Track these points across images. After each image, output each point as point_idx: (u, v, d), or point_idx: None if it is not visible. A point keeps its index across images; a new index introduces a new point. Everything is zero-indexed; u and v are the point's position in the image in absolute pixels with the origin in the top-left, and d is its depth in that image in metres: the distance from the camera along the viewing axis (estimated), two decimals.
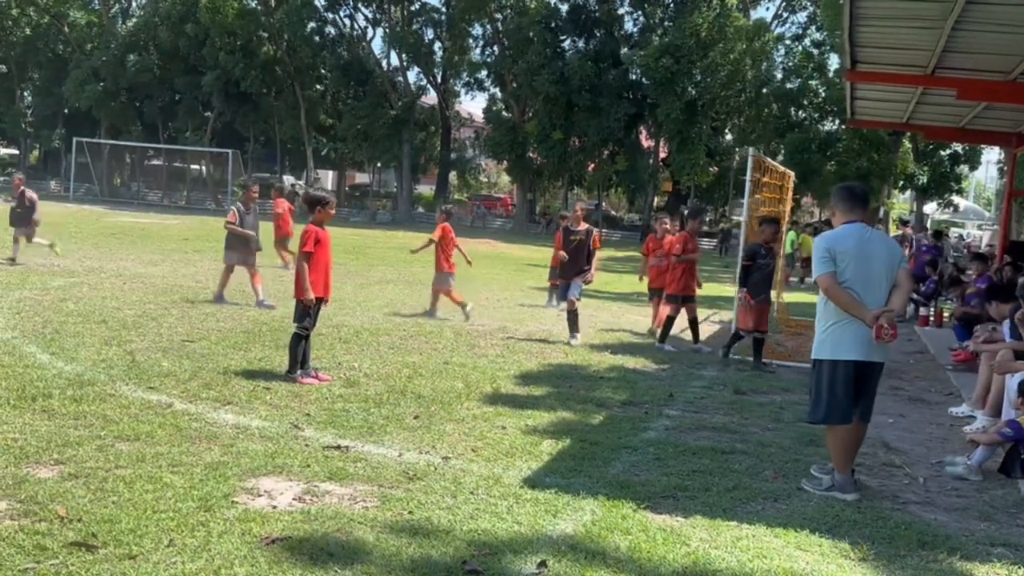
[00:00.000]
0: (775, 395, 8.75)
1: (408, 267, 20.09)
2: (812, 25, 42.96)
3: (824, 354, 5.52)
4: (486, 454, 6.00)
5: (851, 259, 5.38)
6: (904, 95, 12.50)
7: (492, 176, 65.86)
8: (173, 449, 5.57)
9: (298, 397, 7.21)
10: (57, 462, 5.18)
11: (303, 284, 7.83)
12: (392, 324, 11.54)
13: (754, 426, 7.33)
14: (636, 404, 7.88)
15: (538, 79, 40.46)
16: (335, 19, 47.58)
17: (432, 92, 49.25)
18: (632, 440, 6.58)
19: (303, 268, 7.84)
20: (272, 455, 5.60)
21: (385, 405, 7.14)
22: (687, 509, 5.13)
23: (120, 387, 7.01)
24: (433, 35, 46.52)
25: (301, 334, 7.90)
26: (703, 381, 9.21)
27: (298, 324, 7.95)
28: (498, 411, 7.22)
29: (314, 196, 8.26)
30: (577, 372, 9.23)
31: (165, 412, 6.40)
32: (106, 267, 15.10)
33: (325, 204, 8.12)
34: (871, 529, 5.01)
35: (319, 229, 8.01)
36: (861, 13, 8.27)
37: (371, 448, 5.95)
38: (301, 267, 7.86)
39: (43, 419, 6.00)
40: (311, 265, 7.88)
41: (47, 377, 7.10)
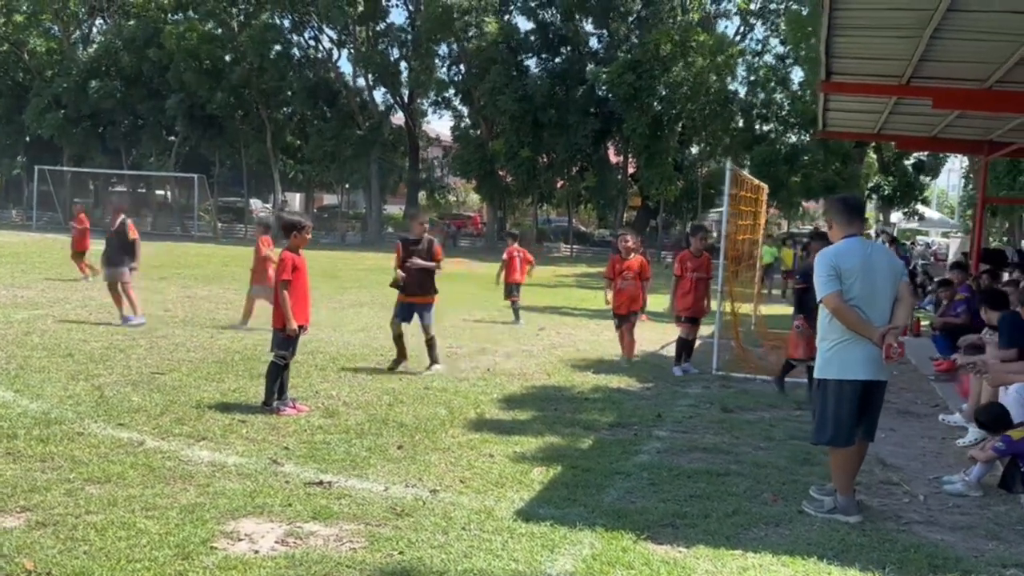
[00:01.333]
0: (763, 412, 8.60)
1: (381, 289, 19.81)
2: (774, 38, 43.34)
3: (831, 373, 5.35)
4: (475, 485, 5.77)
5: (857, 276, 5.22)
6: (877, 105, 12.48)
7: (461, 195, 65.67)
8: (146, 491, 5.29)
9: (276, 430, 6.94)
10: (24, 509, 4.90)
11: (286, 313, 7.56)
12: (369, 349, 11.28)
13: (746, 445, 7.16)
14: (624, 426, 7.69)
15: (502, 98, 40.43)
16: (300, 41, 47.28)
17: (399, 112, 49.03)
18: (624, 465, 6.38)
19: (284, 297, 7.57)
20: (251, 494, 5.34)
21: (367, 436, 6.89)
22: (688, 538, 4.94)
23: (88, 425, 6.71)
24: (399, 54, 46.33)
25: (279, 363, 7.64)
26: (689, 399, 9.04)
27: (276, 353, 7.68)
28: (484, 438, 7.00)
29: (289, 221, 7.99)
30: (561, 394, 9.02)
31: (136, 451, 6.11)
32: (71, 297, 14.70)
33: (301, 229, 7.89)
34: (879, 553, 4.84)
35: (295, 255, 7.76)
36: (839, 23, 8.19)
37: (355, 483, 5.71)
38: (282, 296, 7.59)
39: (8, 462, 5.70)
40: (290, 293, 7.61)
41: (11, 416, 6.79)
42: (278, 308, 7.64)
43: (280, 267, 7.68)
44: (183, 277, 20.20)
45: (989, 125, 13.26)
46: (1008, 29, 7.91)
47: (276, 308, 7.69)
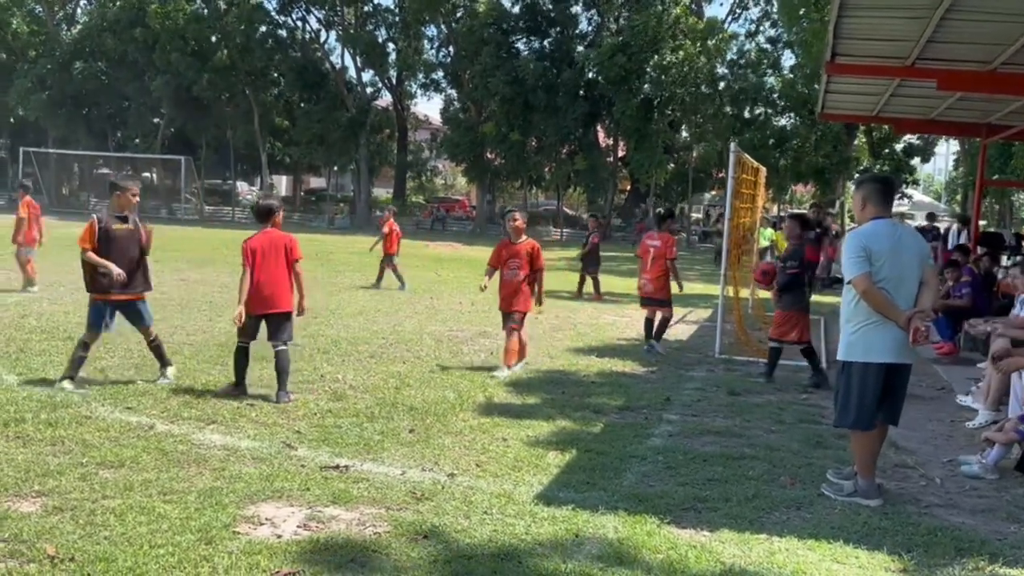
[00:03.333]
0: (769, 395, 8.59)
1: (374, 271, 19.73)
2: (766, 21, 43.25)
3: (855, 356, 5.31)
4: (492, 469, 5.73)
5: (886, 258, 5.17)
6: (879, 87, 12.44)
7: (449, 178, 65.44)
8: (162, 475, 5.22)
9: (285, 413, 6.87)
10: (39, 494, 4.82)
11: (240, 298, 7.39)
12: (369, 332, 11.21)
13: (757, 429, 7.14)
14: (633, 409, 7.66)
15: (492, 80, 40.19)
16: (287, 21, 46.83)
17: (388, 95, 48.71)
18: (639, 448, 6.35)
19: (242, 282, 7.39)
20: (268, 478, 5.28)
21: (378, 419, 6.84)
22: (712, 522, 4.91)
23: (96, 408, 6.62)
24: (387, 36, 45.99)
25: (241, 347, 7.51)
26: (695, 383, 9.02)
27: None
28: (495, 422, 6.95)
29: (267, 207, 7.69)
30: (567, 378, 8.98)
31: (147, 434, 6.04)
32: (64, 280, 14.49)
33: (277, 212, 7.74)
34: (903, 536, 4.83)
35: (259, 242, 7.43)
36: (850, 3, 8.13)
37: (371, 467, 5.65)
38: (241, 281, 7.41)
39: (18, 446, 5.62)
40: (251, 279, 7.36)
41: (17, 400, 6.69)
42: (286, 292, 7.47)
43: (242, 255, 7.43)
44: (175, 260, 20.01)
45: (988, 108, 13.25)
46: (1017, 10, 7.88)
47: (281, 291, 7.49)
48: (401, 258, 17.36)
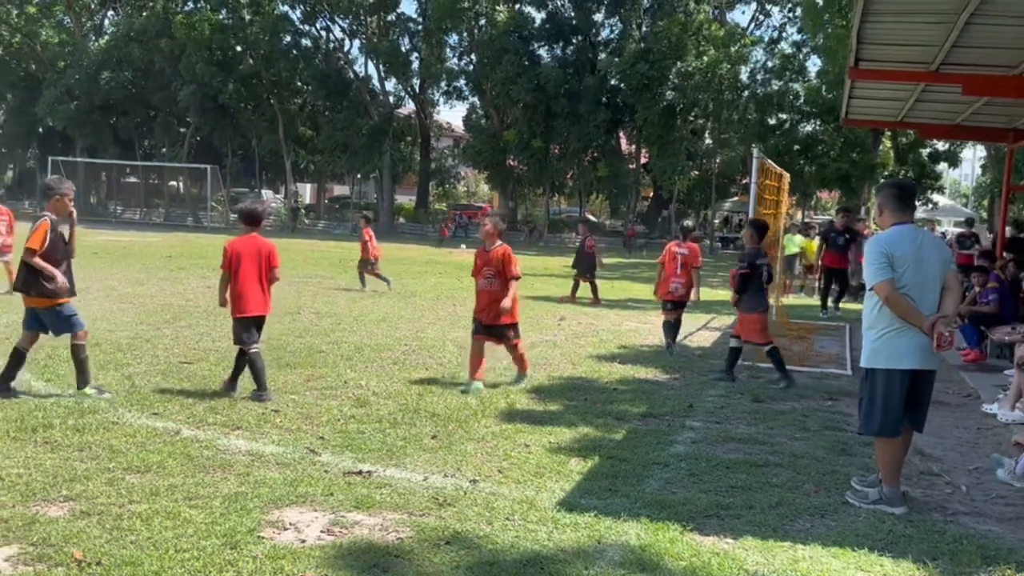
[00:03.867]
0: (794, 402, 8.54)
1: (398, 279, 19.81)
2: (790, 27, 43.15)
3: (879, 363, 5.28)
4: (514, 475, 5.73)
5: (909, 264, 5.14)
6: (903, 92, 12.37)
7: (472, 185, 65.64)
8: (187, 480, 5.27)
9: (309, 419, 6.92)
10: (67, 499, 4.88)
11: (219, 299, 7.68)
12: (392, 339, 11.26)
13: (781, 436, 7.10)
14: (656, 416, 7.64)
15: (514, 88, 40.34)
16: (311, 31, 47.27)
17: (411, 103, 48.97)
18: (661, 455, 6.33)
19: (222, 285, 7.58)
20: (292, 483, 5.32)
21: (400, 425, 6.86)
22: (735, 529, 4.89)
23: (123, 414, 6.70)
24: (410, 45, 46.27)
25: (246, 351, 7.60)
26: (719, 390, 8.98)
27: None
28: (517, 428, 6.96)
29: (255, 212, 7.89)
30: (589, 384, 8.98)
31: (173, 440, 6.10)
32: (92, 287, 14.67)
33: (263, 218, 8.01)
34: (928, 545, 4.78)
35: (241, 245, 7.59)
36: (873, 9, 8.10)
37: (394, 472, 5.68)
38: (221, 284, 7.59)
39: (46, 452, 5.69)
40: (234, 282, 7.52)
41: (46, 405, 6.78)
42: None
43: (223, 257, 7.56)
44: (200, 267, 20.19)
45: (1014, 113, 13.14)
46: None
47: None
48: (420, 265, 17.48)
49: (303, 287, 17.07)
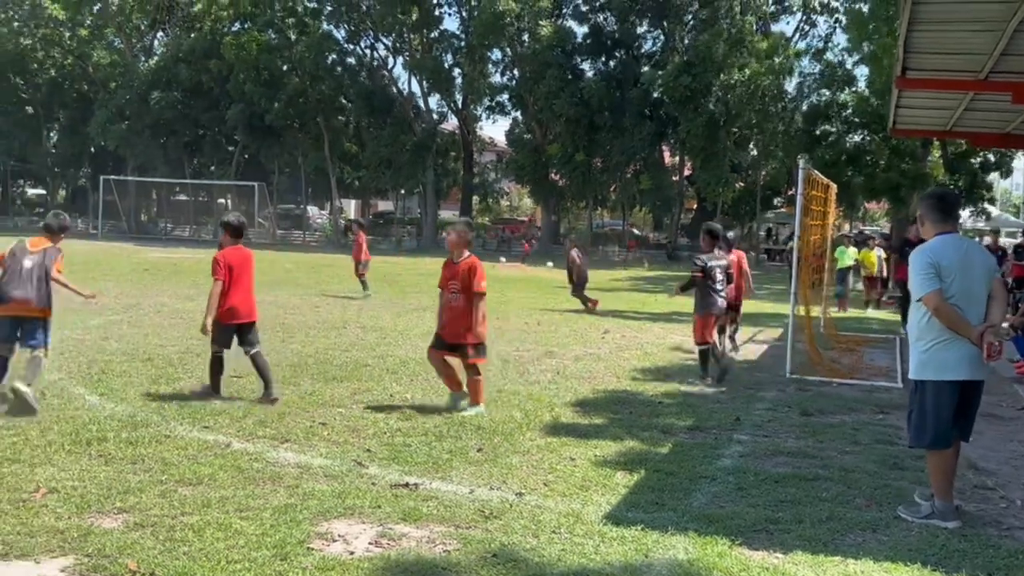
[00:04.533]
0: (844, 415, 8.42)
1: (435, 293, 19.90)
2: (836, 36, 42.66)
3: (928, 375, 5.20)
4: (560, 488, 5.73)
5: (956, 273, 5.08)
6: (952, 101, 12.18)
7: (515, 199, 65.82)
8: (238, 492, 5.35)
9: (356, 432, 6.98)
10: (121, 510, 4.98)
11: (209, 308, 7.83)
12: None
13: (831, 450, 7.01)
14: (703, 430, 7.59)
15: (558, 102, 40.40)
16: (356, 49, 47.86)
17: (454, 118, 49.32)
18: (708, 469, 6.29)
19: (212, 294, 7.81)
20: (340, 495, 5.37)
21: (446, 438, 6.89)
22: (785, 544, 4.84)
23: (175, 427, 6.82)
24: (453, 61, 46.64)
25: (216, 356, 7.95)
26: (766, 403, 8.90)
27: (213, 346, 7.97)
28: (562, 441, 6.96)
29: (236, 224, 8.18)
30: (634, 398, 8.94)
31: (224, 452, 6.19)
32: (143, 303, 14.99)
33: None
34: (983, 560, 4.69)
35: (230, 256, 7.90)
36: (920, 17, 8.00)
37: (440, 485, 5.70)
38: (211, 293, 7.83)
39: (100, 464, 5.81)
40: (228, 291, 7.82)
41: (100, 419, 6.92)
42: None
43: (213, 267, 7.82)
44: None
45: None
46: None
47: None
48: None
49: (348, 302, 17.24)
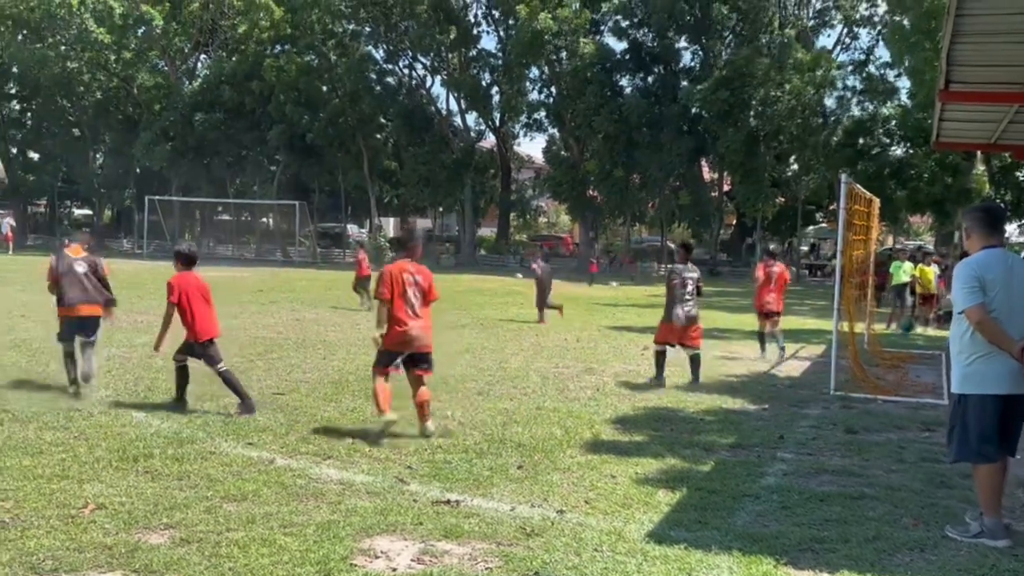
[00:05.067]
0: (890, 433, 8.30)
1: (480, 311, 19.98)
2: (876, 51, 42.26)
3: (969, 388, 5.15)
4: (601, 506, 5.71)
5: (999, 287, 5.03)
6: (996, 114, 12.00)
7: (552, 216, 65.90)
8: (282, 508, 5.40)
9: (397, 449, 7.01)
10: (167, 526, 5.04)
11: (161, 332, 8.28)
12: (476, 369, 11.34)
13: (877, 468, 6.91)
14: (745, 447, 7.52)
15: (597, 119, 40.41)
16: (395, 69, 48.34)
17: (491, 136, 49.58)
18: (752, 487, 6.23)
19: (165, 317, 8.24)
20: (382, 512, 5.40)
21: (487, 455, 6.90)
22: (831, 564, 4.77)
23: (219, 444, 6.90)
24: (490, 79, 46.92)
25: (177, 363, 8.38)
26: (809, 420, 8.79)
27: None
28: (603, 459, 6.93)
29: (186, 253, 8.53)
30: (675, 415, 8.88)
31: (268, 469, 6.26)
32: None
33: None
34: None
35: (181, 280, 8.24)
36: (963, 30, 7.91)
37: (481, 502, 5.71)
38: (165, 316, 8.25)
39: (147, 480, 5.90)
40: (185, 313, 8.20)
41: (146, 436, 7.03)
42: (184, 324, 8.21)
43: (168, 291, 8.21)
44: (290, 301, 20.72)
45: None
46: None
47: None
48: (501, 296, 17.68)
49: None
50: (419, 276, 7.46)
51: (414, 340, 7.35)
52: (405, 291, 7.33)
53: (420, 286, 7.45)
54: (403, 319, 7.29)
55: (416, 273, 7.45)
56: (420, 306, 7.42)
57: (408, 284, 7.35)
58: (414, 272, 7.44)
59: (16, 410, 7.76)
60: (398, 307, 7.29)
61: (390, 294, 7.28)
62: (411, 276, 7.40)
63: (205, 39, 49.49)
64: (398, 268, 7.43)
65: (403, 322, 7.30)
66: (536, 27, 39.16)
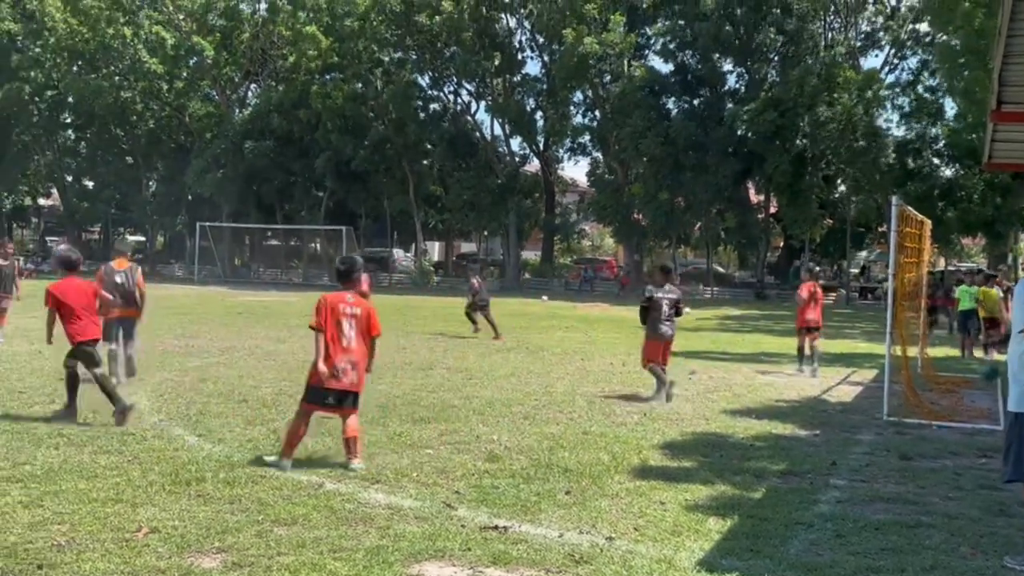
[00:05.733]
0: (945, 459, 8.12)
1: (524, 334, 19.99)
2: (924, 71, 41.65)
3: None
4: (651, 533, 5.65)
5: None
6: None
7: (596, 239, 65.82)
8: (331, 533, 5.42)
9: (444, 473, 7.02)
10: (219, 550, 5.09)
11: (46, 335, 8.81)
12: (522, 393, 11.33)
13: (933, 495, 6.76)
14: (797, 474, 7.40)
15: (644, 142, 40.37)
16: (439, 95, 48.86)
17: (535, 160, 49.79)
18: (805, 515, 6.12)
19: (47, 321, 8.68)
20: (431, 537, 5.39)
21: (534, 480, 6.88)
22: None
23: (269, 468, 6.96)
24: (534, 104, 47.21)
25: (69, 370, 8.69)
26: (862, 447, 8.63)
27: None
28: (652, 485, 6.86)
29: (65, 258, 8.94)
30: (724, 440, 8.78)
31: (317, 493, 6.30)
32: (238, 346, 15.41)
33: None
34: None
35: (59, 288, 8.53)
36: (1015, 51, 7.79)
37: (529, 528, 5.68)
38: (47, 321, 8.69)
39: (199, 504, 5.96)
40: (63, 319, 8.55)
41: (198, 459, 7.12)
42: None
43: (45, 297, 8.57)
44: None
45: None
46: None
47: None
48: (545, 319, 17.68)
49: (435, 343, 17.42)
50: (358, 308, 7.16)
51: (341, 375, 7.04)
52: (340, 322, 7.05)
53: (358, 318, 7.13)
54: (333, 352, 7.01)
55: (355, 305, 7.16)
56: (356, 340, 7.11)
57: (344, 315, 7.07)
58: (352, 304, 7.16)
59: (71, 434, 7.90)
60: (330, 338, 7.00)
61: (323, 323, 7.02)
62: (349, 308, 7.11)
63: (255, 68, 50.51)
64: (336, 298, 7.14)
65: (332, 355, 7.00)
66: (582, 51, 39.28)
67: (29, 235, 65.90)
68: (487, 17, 43.67)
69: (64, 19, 45.48)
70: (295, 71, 46.47)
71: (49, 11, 45.26)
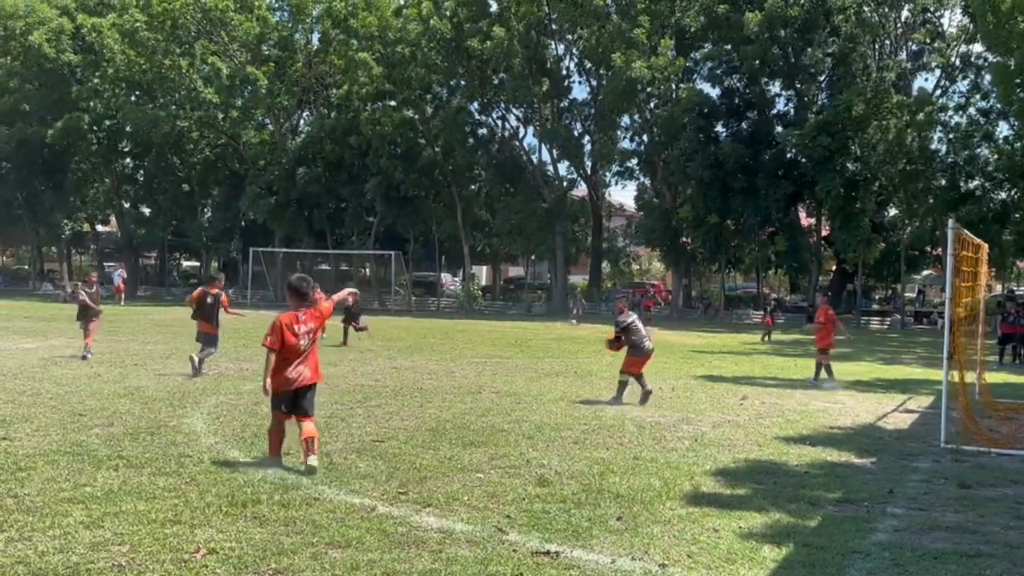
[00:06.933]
0: (1006, 488, 7.93)
1: (574, 358, 19.95)
2: (976, 93, 40.92)
3: None
4: (705, 561, 5.61)
5: None
6: None
7: (644, 263, 65.56)
8: (384, 556, 5.47)
9: (495, 497, 7.04)
10: (275, 572, 5.17)
11: None
12: (571, 418, 11.31)
13: (993, 525, 6.60)
14: (853, 502, 7.28)
15: (692, 165, 40.24)
16: (488, 120, 49.25)
17: (583, 184, 49.87)
18: (861, 543, 6.03)
19: None
20: (482, 562, 5.42)
21: (585, 506, 6.87)
22: None
23: (323, 490, 7.05)
24: (582, 128, 47.35)
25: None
26: (920, 474, 8.47)
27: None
28: (704, 512, 6.81)
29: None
30: (778, 467, 8.68)
31: (370, 516, 6.36)
32: None
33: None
34: None
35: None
36: None
37: (581, 553, 5.68)
38: None
39: (255, 526, 6.06)
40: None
41: (254, 482, 7.23)
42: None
43: None
44: (387, 349, 21.09)
45: None
46: None
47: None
48: (593, 344, 17.58)
49: (483, 367, 17.47)
50: (312, 323, 7.99)
51: (295, 381, 7.86)
52: (295, 341, 7.82)
53: (313, 331, 7.99)
54: (286, 367, 7.82)
55: (308, 321, 7.96)
56: (309, 350, 7.95)
57: (298, 335, 7.86)
58: (305, 320, 7.95)
59: (131, 456, 8.08)
60: (285, 356, 7.82)
61: (277, 345, 7.78)
62: (301, 326, 7.90)
63: (307, 97, 51.42)
64: (288, 319, 7.89)
65: (285, 369, 7.82)
66: (631, 75, 39.33)
67: (87, 260, 67.53)
68: (536, 43, 44.01)
69: (122, 51, 46.77)
70: (347, 98, 47.21)
71: (108, 43, 46.58)
